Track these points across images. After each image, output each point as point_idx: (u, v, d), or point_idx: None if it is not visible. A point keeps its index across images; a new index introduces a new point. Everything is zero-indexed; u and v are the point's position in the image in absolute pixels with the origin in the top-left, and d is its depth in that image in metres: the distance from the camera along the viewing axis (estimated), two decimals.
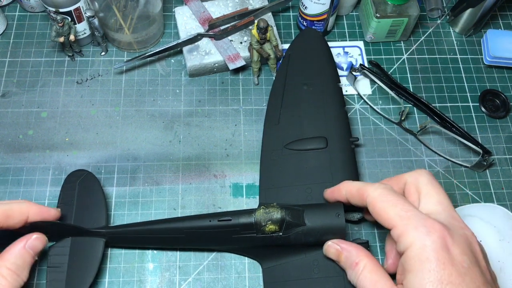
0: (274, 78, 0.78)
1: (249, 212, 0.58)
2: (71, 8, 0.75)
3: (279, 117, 0.71)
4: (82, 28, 0.79)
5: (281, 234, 0.57)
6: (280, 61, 0.77)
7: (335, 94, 0.72)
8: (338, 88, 0.73)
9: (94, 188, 0.66)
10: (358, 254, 0.53)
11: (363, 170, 0.73)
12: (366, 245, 0.58)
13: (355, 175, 0.66)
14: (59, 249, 0.61)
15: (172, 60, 0.82)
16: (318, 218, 0.57)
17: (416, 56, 0.84)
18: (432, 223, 0.47)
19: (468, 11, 0.83)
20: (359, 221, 0.64)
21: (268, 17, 0.82)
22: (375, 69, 0.80)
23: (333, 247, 0.56)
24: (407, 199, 0.52)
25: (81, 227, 0.61)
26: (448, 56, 0.85)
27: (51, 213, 0.59)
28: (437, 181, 0.54)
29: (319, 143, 0.67)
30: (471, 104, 0.80)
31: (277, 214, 0.56)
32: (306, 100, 0.71)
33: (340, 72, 0.80)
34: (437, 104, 0.80)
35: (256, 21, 0.75)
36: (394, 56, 0.84)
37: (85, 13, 0.76)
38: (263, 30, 0.72)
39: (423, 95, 0.80)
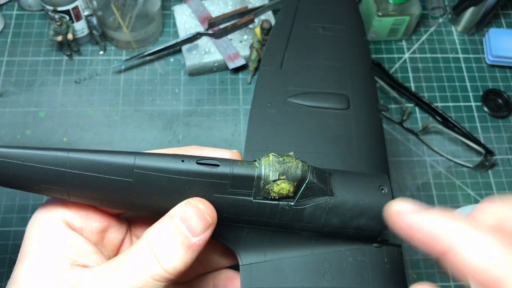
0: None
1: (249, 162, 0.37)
2: (69, 6, 0.74)
3: (282, 61, 0.53)
4: (81, 27, 0.78)
5: (292, 204, 0.37)
6: None
7: (361, 47, 0.57)
8: (365, 43, 0.59)
9: None
10: None
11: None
12: (399, 249, 0.42)
13: (384, 155, 0.50)
14: None
15: (171, 59, 0.81)
16: (352, 189, 0.39)
17: (417, 55, 0.84)
18: None
19: (470, 9, 0.82)
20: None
21: (268, 15, 0.82)
22: (376, 69, 0.79)
23: None
24: None
25: None
26: (450, 55, 0.84)
27: None
28: None
29: (338, 102, 0.50)
30: (473, 104, 0.79)
31: (296, 168, 0.36)
32: (321, 47, 0.56)
33: None
34: (439, 104, 0.79)
35: (260, 21, 0.74)
36: (396, 55, 0.84)
37: (83, 11, 0.75)
38: (266, 31, 0.71)
39: (425, 94, 0.80)
